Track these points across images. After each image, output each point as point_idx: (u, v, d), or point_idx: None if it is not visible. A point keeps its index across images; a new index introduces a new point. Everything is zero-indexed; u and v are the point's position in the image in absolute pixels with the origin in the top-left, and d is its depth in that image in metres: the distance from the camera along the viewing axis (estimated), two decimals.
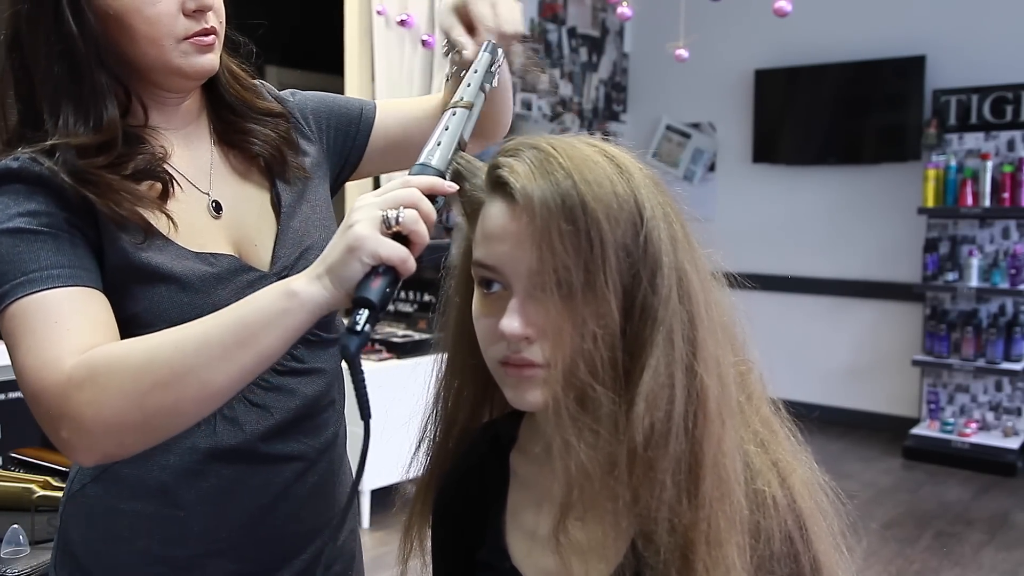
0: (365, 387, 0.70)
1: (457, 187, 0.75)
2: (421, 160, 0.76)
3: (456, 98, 0.83)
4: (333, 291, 0.73)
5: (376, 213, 0.71)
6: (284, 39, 5.76)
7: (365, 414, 0.70)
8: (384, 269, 0.70)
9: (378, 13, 4.02)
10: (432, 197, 0.74)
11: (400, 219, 0.70)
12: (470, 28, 0.92)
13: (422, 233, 0.71)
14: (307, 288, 0.74)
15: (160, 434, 0.81)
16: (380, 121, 1.14)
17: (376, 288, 0.70)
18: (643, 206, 0.67)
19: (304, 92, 1.14)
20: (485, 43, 0.90)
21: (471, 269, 0.72)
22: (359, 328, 0.69)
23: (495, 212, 0.69)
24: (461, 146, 0.80)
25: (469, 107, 0.82)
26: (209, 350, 0.76)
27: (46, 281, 0.82)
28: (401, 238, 0.71)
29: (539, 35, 5.15)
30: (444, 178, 0.76)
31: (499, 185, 0.69)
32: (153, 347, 0.79)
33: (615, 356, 0.65)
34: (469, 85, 0.85)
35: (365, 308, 0.69)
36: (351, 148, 1.13)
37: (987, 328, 4.42)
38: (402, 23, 3.91)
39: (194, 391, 0.77)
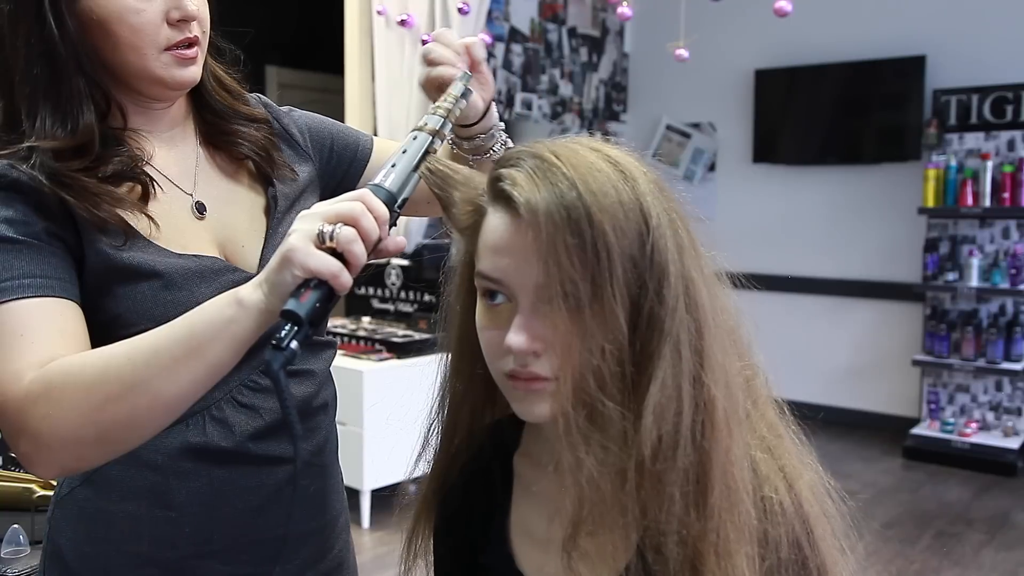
0: (289, 407, 0.67)
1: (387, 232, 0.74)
2: (376, 181, 0.76)
3: (420, 123, 0.84)
4: (270, 299, 0.72)
5: (314, 225, 0.69)
6: (284, 39, 5.77)
7: (294, 433, 0.67)
8: (316, 283, 0.68)
9: (378, 13, 4.02)
10: (390, 210, 0.73)
11: (334, 235, 0.69)
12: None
13: (357, 253, 0.69)
14: (251, 295, 0.73)
15: (118, 447, 0.80)
16: (375, 160, 1.13)
17: (305, 302, 0.67)
18: (649, 214, 0.65)
19: (301, 111, 1.13)
20: (460, 74, 0.91)
21: (474, 279, 0.71)
22: (283, 344, 0.65)
23: (498, 224, 0.68)
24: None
25: (433, 133, 0.82)
26: (159, 361, 0.75)
27: (17, 291, 0.81)
28: (338, 254, 0.69)
29: (539, 35, 5.14)
30: (397, 199, 0.76)
31: (501, 196, 0.68)
32: (106, 360, 0.78)
33: (623, 369, 0.64)
34: (435, 112, 0.85)
35: (292, 322, 0.67)
36: (344, 175, 1.12)
37: (987, 328, 4.42)
38: (402, 23, 3.90)
39: (146, 403, 0.76)
